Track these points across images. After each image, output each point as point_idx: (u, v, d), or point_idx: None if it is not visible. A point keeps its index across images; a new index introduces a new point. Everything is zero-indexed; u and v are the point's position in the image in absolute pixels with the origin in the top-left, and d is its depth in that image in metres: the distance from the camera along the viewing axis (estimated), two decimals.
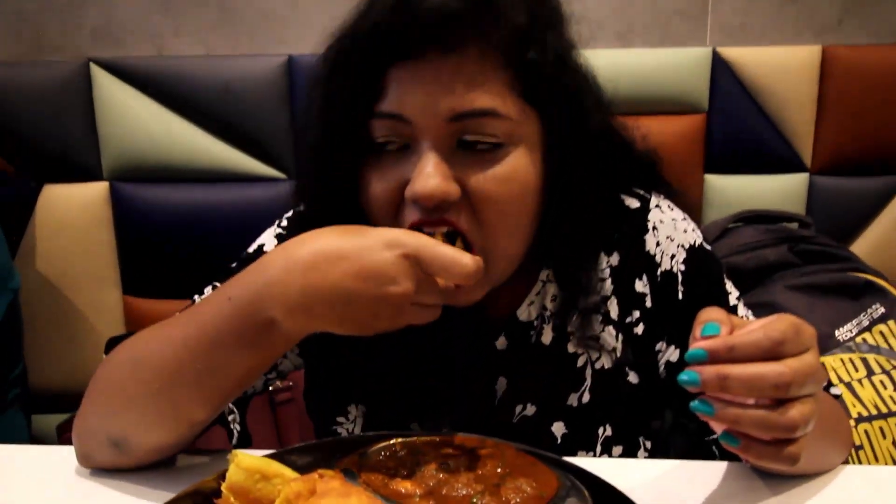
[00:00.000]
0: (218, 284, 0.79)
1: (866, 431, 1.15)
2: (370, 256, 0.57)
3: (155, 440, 0.68)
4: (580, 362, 0.78)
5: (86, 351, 1.57)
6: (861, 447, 1.14)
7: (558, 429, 0.78)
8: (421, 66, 0.64)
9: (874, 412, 1.16)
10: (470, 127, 0.64)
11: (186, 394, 0.64)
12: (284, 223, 0.84)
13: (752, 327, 0.52)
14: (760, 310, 1.26)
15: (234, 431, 0.78)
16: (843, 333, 1.25)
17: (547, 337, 0.78)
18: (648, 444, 0.82)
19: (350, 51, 0.67)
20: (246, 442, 0.80)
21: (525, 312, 0.79)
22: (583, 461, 0.71)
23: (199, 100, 1.47)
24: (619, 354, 0.78)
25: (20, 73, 1.49)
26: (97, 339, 1.57)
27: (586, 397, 0.78)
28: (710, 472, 0.72)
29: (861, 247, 1.47)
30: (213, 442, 0.79)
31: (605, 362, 0.78)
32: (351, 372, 0.80)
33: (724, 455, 0.74)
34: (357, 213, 0.70)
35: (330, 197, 0.70)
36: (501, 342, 0.78)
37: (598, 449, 0.78)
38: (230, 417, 0.80)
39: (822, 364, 0.57)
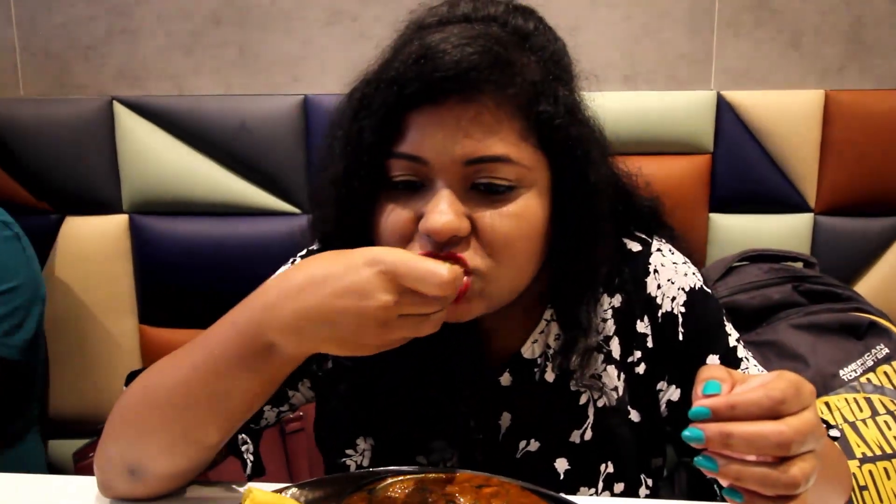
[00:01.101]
0: None
1: (871, 472, 1.15)
2: (350, 276, 0.60)
3: (169, 466, 0.70)
4: (582, 400, 0.80)
5: (102, 378, 1.60)
6: (865, 487, 1.14)
7: (561, 465, 0.79)
8: (440, 111, 0.67)
9: (878, 452, 1.16)
10: (484, 171, 0.67)
11: (196, 417, 0.67)
12: (298, 260, 0.87)
13: (752, 384, 0.54)
14: (765, 349, 1.29)
15: (248, 461, 0.80)
16: (847, 373, 1.25)
17: (550, 375, 0.81)
18: (650, 482, 0.83)
19: (373, 95, 0.70)
20: (259, 471, 0.82)
21: (529, 350, 0.81)
22: (586, 500, 0.72)
23: (216, 137, 1.52)
24: (620, 393, 0.80)
25: (46, 109, 1.54)
26: (114, 367, 1.60)
27: (588, 434, 0.80)
28: None
29: (865, 287, 1.47)
30: (227, 473, 0.81)
31: (607, 401, 0.80)
32: (360, 404, 0.82)
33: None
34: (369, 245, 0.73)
35: (345, 229, 0.73)
36: (506, 378, 0.81)
37: (601, 485, 0.79)
38: (244, 448, 0.82)
39: (822, 420, 0.58)
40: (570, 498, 0.76)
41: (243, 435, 0.81)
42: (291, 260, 0.88)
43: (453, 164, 0.67)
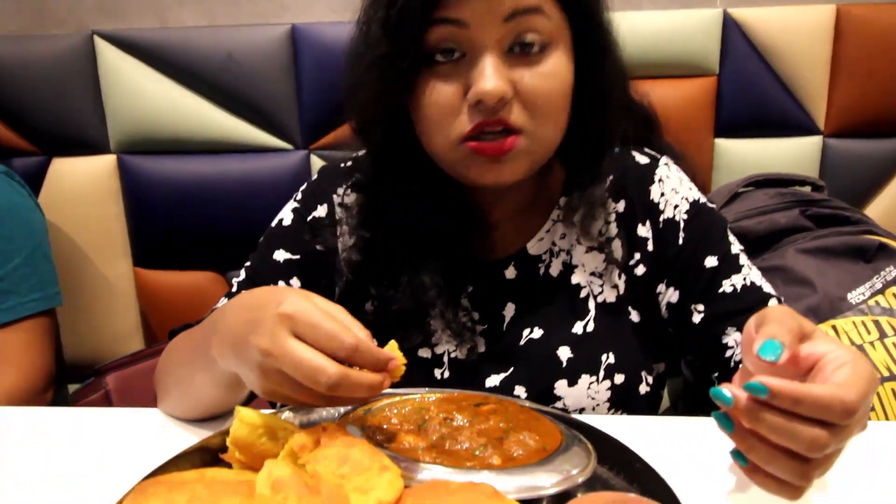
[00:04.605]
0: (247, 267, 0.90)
1: (878, 394, 1.14)
2: (262, 310, 0.59)
3: (192, 414, 0.78)
4: (583, 293, 0.84)
5: (98, 323, 1.59)
6: (873, 409, 1.13)
7: (563, 353, 0.83)
8: None
9: (886, 374, 1.14)
10: (522, 24, 0.70)
11: (195, 387, 0.74)
12: (300, 196, 0.91)
13: (828, 369, 0.49)
14: (771, 274, 1.26)
15: None
16: (855, 296, 1.23)
17: (555, 269, 0.85)
18: (650, 380, 0.85)
19: None
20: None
21: (535, 247, 0.86)
22: (585, 418, 0.71)
23: (203, 71, 1.46)
24: (621, 292, 0.84)
25: (23, 46, 1.48)
26: (110, 311, 1.59)
27: (591, 326, 0.84)
28: (712, 428, 0.72)
29: (875, 209, 1.44)
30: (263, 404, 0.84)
31: (608, 296, 0.84)
32: (361, 295, 0.86)
33: None
34: (409, 130, 0.77)
35: (385, 110, 0.76)
36: (511, 272, 0.85)
37: (601, 374, 0.82)
38: None
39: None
40: (570, 415, 0.75)
41: None
42: (294, 197, 0.91)
43: (493, 22, 0.70)
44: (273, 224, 0.90)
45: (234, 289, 0.88)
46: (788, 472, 0.48)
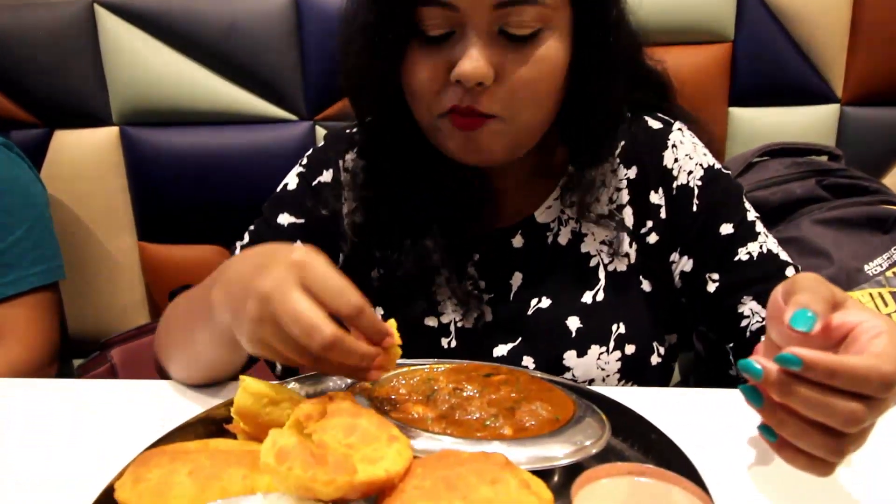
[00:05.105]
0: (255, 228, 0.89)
1: None
2: (272, 258, 0.58)
3: (192, 378, 0.77)
4: (593, 262, 0.83)
5: (103, 298, 1.57)
6: None
7: (573, 323, 0.81)
8: None
9: None
10: (511, 14, 0.69)
11: (195, 347, 0.73)
12: (305, 161, 0.90)
13: (863, 339, 0.46)
14: (787, 245, 1.22)
15: (279, 365, 0.84)
16: (872, 268, 1.20)
17: (564, 238, 0.84)
18: (662, 351, 0.83)
19: None
20: (290, 373, 0.84)
21: (543, 215, 0.84)
22: (598, 389, 0.69)
23: (206, 40, 1.43)
24: (632, 261, 0.82)
25: (23, 15, 1.45)
26: (115, 286, 1.57)
27: (601, 296, 0.82)
28: (728, 400, 0.71)
29: (894, 179, 1.41)
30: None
31: (619, 265, 0.82)
32: (367, 266, 0.85)
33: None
34: (399, 100, 0.76)
35: (374, 78, 0.76)
36: (518, 240, 0.84)
37: (612, 345, 0.80)
38: None
39: None
40: (582, 386, 0.73)
41: None
42: (299, 162, 0.91)
43: (482, 9, 0.68)
44: (278, 189, 0.90)
45: (238, 252, 0.87)
46: (821, 448, 0.46)
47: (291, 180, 0.89)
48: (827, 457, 0.46)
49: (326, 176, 0.87)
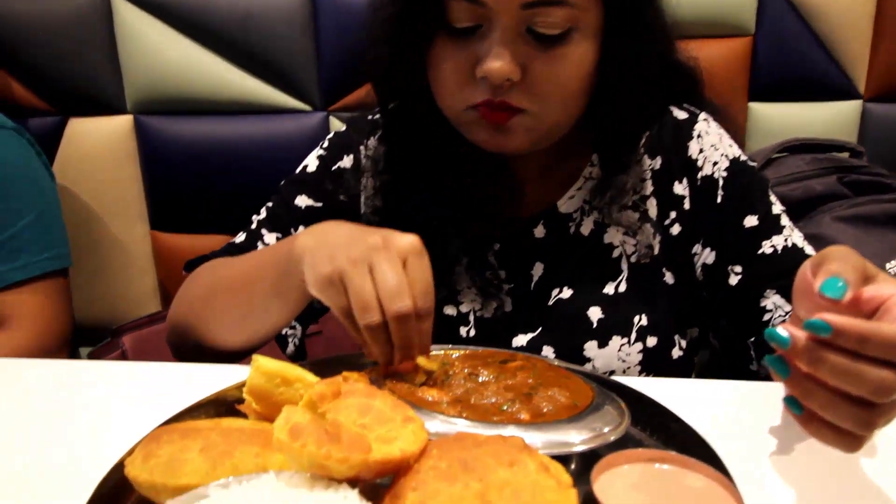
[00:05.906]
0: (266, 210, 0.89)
1: None
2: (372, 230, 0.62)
3: (228, 343, 0.77)
4: (616, 253, 0.82)
5: (116, 286, 1.57)
6: None
7: (594, 313, 0.80)
8: None
9: None
10: (539, 14, 0.68)
11: (251, 305, 0.73)
12: (326, 144, 0.90)
13: (895, 311, 0.45)
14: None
15: (292, 345, 0.84)
16: (893, 267, 1.18)
17: (586, 228, 0.82)
18: (683, 344, 0.82)
19: None
20: (301, 356, 0.86)
21: (566, 205, 0.83)
22: (616, 378, 0.68)
23: (221, 29, 1.43)
24: (655, 252, 0.81)
25: (38, 4, 1.45)
26: (126, 275, 1.57)
27: (623, 287, 0.81)
28: (749, 391, 0.69)
29: None
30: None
31: (642, 256, 0.81)
32: None
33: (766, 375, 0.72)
34: (423, 87, 0.76)
35: (398, 70, 0.76)
36: (539, 230, 0.83)
37: (633, 336, 0.79)
38: (290, 332, 0.84)
39: None
40: (600, 375, 0.72)
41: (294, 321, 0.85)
42: (320, 145, 0.90)
43: (509, 7, 0.68)
44: (297, 170, 0.89)
45: (254, 226, 0.87)
46: (850, 420, 0.44)
47: (312, 162, 0.89)
48: (855, 429, 0.45)
49: (347, 161, 0.87)
